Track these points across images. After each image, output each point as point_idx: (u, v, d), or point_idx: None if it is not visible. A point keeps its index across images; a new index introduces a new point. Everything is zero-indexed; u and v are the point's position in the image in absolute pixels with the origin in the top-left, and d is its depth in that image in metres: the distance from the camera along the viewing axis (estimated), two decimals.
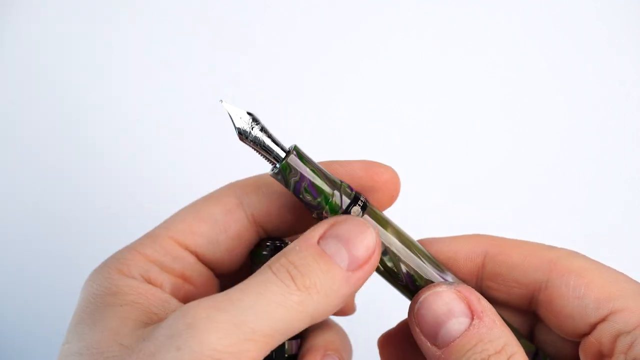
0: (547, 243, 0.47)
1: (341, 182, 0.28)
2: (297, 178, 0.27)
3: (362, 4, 0.54)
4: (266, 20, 0.54)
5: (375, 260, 0.26)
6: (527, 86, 0.54)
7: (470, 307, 0.26)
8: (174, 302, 0.26)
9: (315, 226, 0.26)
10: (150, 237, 0.28)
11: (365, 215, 0.27)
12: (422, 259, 0.28)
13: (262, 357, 0.23)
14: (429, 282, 0.28)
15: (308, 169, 0.27)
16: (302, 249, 0.25)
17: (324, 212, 0.27)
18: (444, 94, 0.54)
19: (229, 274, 0.30)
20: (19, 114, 0.52)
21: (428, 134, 0.53)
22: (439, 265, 0.29)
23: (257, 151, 0.27)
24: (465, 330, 0.26)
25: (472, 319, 0.26)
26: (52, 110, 0.52)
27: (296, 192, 0.27)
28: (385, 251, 0.28)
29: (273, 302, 0.23)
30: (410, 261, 0.28)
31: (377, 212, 0.28)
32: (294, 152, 0.27)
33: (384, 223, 0.28)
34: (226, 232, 0.28)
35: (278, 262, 0.24)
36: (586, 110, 0.54)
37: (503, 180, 0.53)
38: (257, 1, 0.54)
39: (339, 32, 0.54)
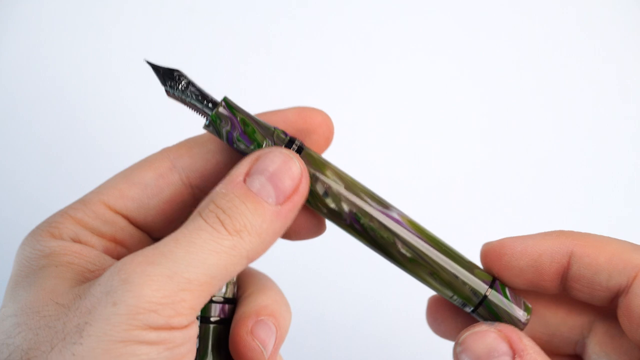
0: None
1: (274, 128, 0.28)
2: (228, 128, 0.27)
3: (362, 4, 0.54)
4: (264, 20, 0.54)
5: (303, 189, 0.26)
6: (527, 86, 0.54)
7: (512, 346, 0.26)
8: (109, 259, 0.26)
9: (239, 163, 0.25)
10: (82, 201, 0.27)
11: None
12: (364, 196, 0.28)
13: (202, 304, 0.23)
14: (373, 220, 0.28)
15: (238, 118, 0.27)
16: (228, 191, 0.25)
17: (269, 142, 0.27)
18: (444, 95, 0.54)
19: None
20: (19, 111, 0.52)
21: (428, 134, 0.53)
22: (382, 201, 0.28)
23: (188, 106, 0.27)
24: None
25: (514, 357, 0.26)
26: (54, 109, 0.52)
27: (229, 142, 0.27)
28: (326, 193, 0.27)
29: (205, 250, 0.23)
30: (352, 200, 0.28)
31: (314, 154, 0.28)
32: (223, 103, 0.27)
33: (322, 165, 0.28)
34: (158, 196, 0.28)
35: (207, 208, 0.24)
36: (586, 109, 0.54)
37: (503, 180, 0.52)
38: (256, 1, 0.54)
39: (337, 32, 0.54)
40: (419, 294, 0.42)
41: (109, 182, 0.28)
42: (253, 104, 0.31)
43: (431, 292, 0.30)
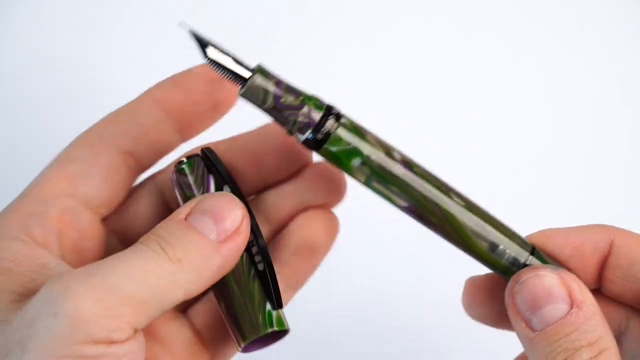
0: None
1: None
2: (274, 84, 0.26)
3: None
4: (264, 18, 0.54)
5: (244, 231, 0.26)
6: (527, 84, 0.54)
7: (571, 295, 0.26)
8: (54, 264, 0.25)
9: (182, 206, 0.26)
10: (24, 195, 0.27)
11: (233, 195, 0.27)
12: (405, 153, 0.28)
13: (140, 323, 0.23)
14: (425, 170, 0.27)
15: (279, 78, 0.27)
16: (169, 225, 0.25)
17: (308, 109, 0.26)
18: (445, 92, 0.54)
19: (115, 212, 0.29)
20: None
21: (429, 131, 0.53)
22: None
23: (224, 70, 0.26)
24: (563, 317, 0.25)
25: (572, 307, 0.25)
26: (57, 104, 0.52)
27: (277, 95, 0.26)
28: (378, 142, 0.27)
29: (146, 269, 0.23)
30: (401, 151, 0.27)
31: (354, 121, 0.27)
32: (261, 65, 0.27)
33: (363, 130, 0.27)
34: (97, 167, 0.27)
35: (148, 238, 0.24)
36: (586, 109, 0.54)
37: (503, 179, 0.52)
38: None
39: (337, 30, 0.54)
40: (419, 295, 0.43)
41: (46, 167, 0.28)
42: None
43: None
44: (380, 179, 0.27)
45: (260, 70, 0.26)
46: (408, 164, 0.27)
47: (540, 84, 0.54)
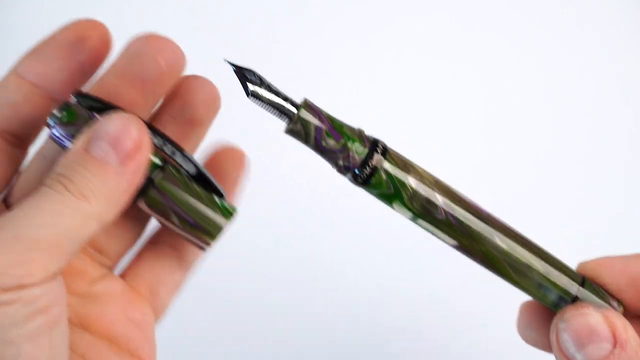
0: (548, 242, 0.47)
1: (359, 128, 0.27)
2: (316, 124, 0.26)
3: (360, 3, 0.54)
4: (263, 16, 0.54)
5: (145, 147, 0.25)
6: (527, 85, 0.54)
7: (615, 334, 0.26)
8: None
9: (78, 138, 0.25)
10: None
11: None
12: (454, 190, 0.27)
13: (56, 265, 0.23)
14: (469, 208, 0.27)
15: (324, 114, 0.27)
16: (69, 161, 0.24)
17: (350, 154, 0.26)
18: (444, 92, 0.54)
19: (11, 191, 0.29)
20: None
21: (428, 132, 0.53)
22: (465, 198, 0.28)
23: (270, 106, 0.26)
24: (605, 357, 0.25)
25: (615, 346, 0.26)
26: None
27: (317, 138, 0.26)
28: (419, 187, 0.27)
29: (52, 212, 0.23)
30: (445, 192, 0.27)
31: (401, 155, 0.27)
32: (307, 101, 0.27)
33: (410, 163, 0.27)
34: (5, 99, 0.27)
35: (50, 178, 0.24)
36: (586, 109, 0.54)
37: (504, 180, 0.52)
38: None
39: (337, 29, 0.54)
40: (419, 294, 0.42)
41: None
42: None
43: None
44: (423, 221, 0.27)
45: (303, 110, 0.26)
46: (450, 207, 0.27)
47: (539, 84, 0.54)
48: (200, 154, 0.31)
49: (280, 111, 0.26)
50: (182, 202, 0.28)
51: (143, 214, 0.30)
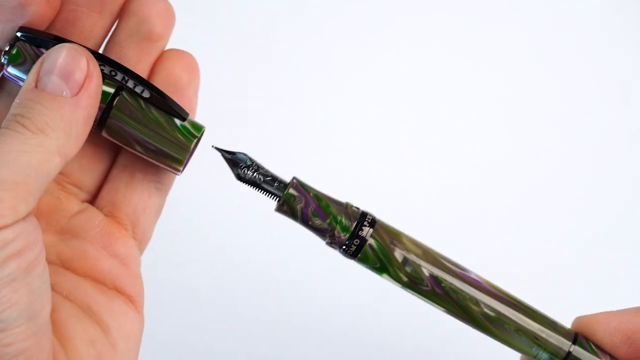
0: (549, 245, 0.46)
1: (346, 202, 0.29)
2: (302, 205, 0.28)
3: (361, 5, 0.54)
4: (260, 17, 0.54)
5: (95, 75, 0.25)
6: (527, 87, 0.53)
7: None
8: None
9: (28, 75, 0.25)
10: None
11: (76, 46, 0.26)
12: (442, 260, 0.29)
13: (26, 203, 0.22)
14: (454, 281, 0.28)
15: (311, 194, 0.28)
16: (22, 99, 0.24)
17: (335, 232, 0.28)
18: (444, 96, 0.53)
19: None
20: None
21: (427, 136, 0.52)
22: (459, 264, 0.29)
23: (258, 188, 0.29)
24: None
25: None
26: None
27: (304, 219, 0.28)
28: (405, 260, 0.28)
29: (12, 151, 0.23)
30: (431, 264, 0.28)
31: (389, 226, 0.29)
32: (295, 181, 0.28)
33: (398, 235, 0.29)
34: None
35: (6, 119, 0.24)
36: (588, 110, 0.53)
37: (505, 182, 0.52)
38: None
39: (334, 33, 0.53)
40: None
41: None
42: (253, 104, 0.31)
43: None
44: (411, 292, 0.29)
45: (289, 193, 0.28)
46: (436, 279, 0.28)
47: (539, 84, 0.54)
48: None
49: (267, 193, 0.29)
50: (140, 130, 0.28)
51: (112, 142, 0.29)
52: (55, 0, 0.27)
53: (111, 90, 0.27)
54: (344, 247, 0.28)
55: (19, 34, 0.26)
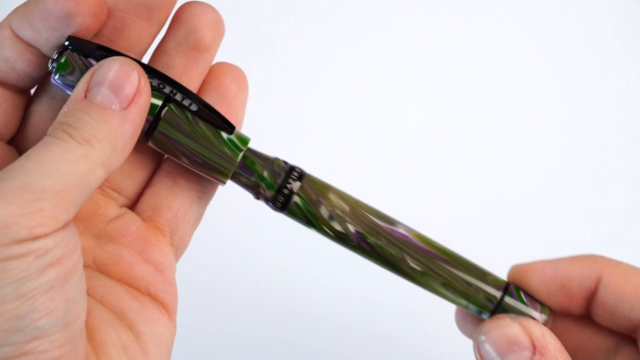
0: (551, 245, 0.46)
1: (274, 157, 0.29)
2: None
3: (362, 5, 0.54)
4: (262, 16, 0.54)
5: (145, 90, 0.25)
6: (528, 87, 0.53)
7: (533, 342, 0.27)
8: None
9: (78, 82, 0.25)
10: None
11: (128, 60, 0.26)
12: (368, 215, 0.29)
13: (66, 213, 0.22)
14: (380, 237, 0.29)
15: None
16: (70, 109, 0.24)
17: (261, 190, 0.29)
18: (445, 95, 0.53)
19: (20, 133, 0.29)
20: None
21: (429, 135, 0.52)
22: (388, 218, 0.29)
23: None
24: None
25: (534, 353, 0.27)
26: None
27: (232, 176, 0.28)
28: (331, 216, 0.29)
29: (57, 160, 0.23)
30: (357, 220, 0.29)
31: (316, 179, 0.29)
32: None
33: (325, 189, 0.29)
34: None
35: (53, 127, 0.24)
36: (588, 110, 0.53)
37: (506, 181, 0.52)
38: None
39: (336, 33, 0.54)
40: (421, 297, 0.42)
41: None
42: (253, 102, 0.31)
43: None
44: (340, 245, 0.29)
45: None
46: (362, 235, 0.29)
47: (540, 85, 0.53)
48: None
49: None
50: (187, 143, 0.28)
51: (156, 150, 0.30)
52: (102, 12, 0.27)
53: (159, 102, 0.27)
54: (270, 202, 0.29)
55: (66, 43, 0.26)
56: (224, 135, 0.28)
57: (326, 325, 0.49)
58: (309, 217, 0.29)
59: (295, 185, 0.28)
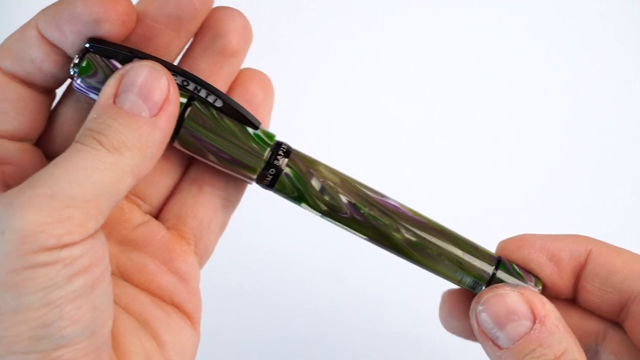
0: None
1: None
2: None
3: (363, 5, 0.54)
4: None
5: (174, 97, 0.25)
6: (529, 86, 0.53)
7: (533, 310, 0.26)
8: None
9: (105, 85, 0.25)
10: None
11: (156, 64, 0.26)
12: (359, 187, 0.28)
13: (94, 221, 0.22)
14: (373, 208, 0.28)
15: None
16: (99, 115, 0.24)
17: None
18: (447, 94, 0.53)
19: (47, 134, 0.28)
20: None
21: (430, 133, 0.52)
22: (378, 191, 0.29)
23: None
24: (526, 333, 0.26)
25: (534, 322, 0.26)
26: None
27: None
28: (323, 188, 0.28)
29: (87, 167, 0.22)
30: (349, 191, 0.28)
31: (305, 155, 0.28)
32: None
33: (314, 163, 0.28)
34: (6, 102, 0.26)
35: (82, 134, 0.24)
36: (589, 110, 0.53)
37: (508, 181, 0.52)
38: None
39: (338, 32, 0.53)
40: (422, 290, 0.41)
41: None
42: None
43: (440, 286, 0.30)
44: (331, 220, 0.29)
45: None
46: (354, 206, 0.28)
47: (541, 85, 0.53)
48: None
49: None
50: (214, 140, 0.27)
51: (181, 155, 0.29)
52: (130, 20, 0.26)
53: (184, 100, 0.27)
54: (259, 178, 0.28)
55: (87, 45, 0.26)
56: (250, 130, 0.28)
57: (339, 321, 0.48)
58: (301, 190, 0.28)
59: (284, 160, 0.28)
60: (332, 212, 0.28)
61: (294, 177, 0.28)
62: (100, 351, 0.23)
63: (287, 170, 0.28)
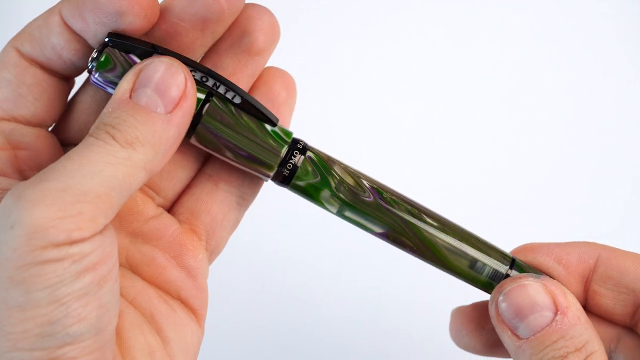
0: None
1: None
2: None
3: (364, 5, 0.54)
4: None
5: (191, 94, 0.25)
6: (530, 86, 0.53)
7: (555, 302, 0.26)
8: (6, 182, 0.25)
9: (122, 80, 0.24)
10: None
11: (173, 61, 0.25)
12: (376, 180, 0.28)
13: (105, 217, 0.22)
14: (393, 194, 0.28)
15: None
16: (114, 109, 0.24)
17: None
18: (448, 94, 0.53)
19: (63, 121, 0.28)
20: None
21: (430, 133, 0.52)
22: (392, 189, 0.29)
23: None
24: (548, 325, 0.26)
25: (556, 313, 0.26)
26: None
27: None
28: (346, 171, 0.28)
29: (99, 162, 0.22)
30: (368, 179, 0.28)
31: (320, 152, 0.28)
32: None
33: (331, 160, 0.28)
34: (24, 86, 0.26)
35: (96, 128, 0.23)
36: (589, 109, 0.53)
37: (508, 181, 0.51)
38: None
39: (337, 33, 0.53)
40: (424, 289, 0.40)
41: None
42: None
43: (446, 287, 0.30)
44: (351, 209, 0.28)
45: None
46: (377, 190, 0.28)
47: (541, 85, 0.53)
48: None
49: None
50: (231, 136, 0.27)
51: (197, 151, 0.29)
52: (153, 14, 0.26)
53: (202, 96, 0.26)
54: (275, 175, 0.28)
55: (106, 40, 0.26)
56: (268, 127, 0.27)
57: (344, 321, 0.49)
58: (324, 173, 0.28)
59: (300, 159, 0.28)
60: (354, 197, 0.28)
61: (318, 161, 0.28)
62: (105, 349, 0.23)
63: (310, 154, 0.28)
